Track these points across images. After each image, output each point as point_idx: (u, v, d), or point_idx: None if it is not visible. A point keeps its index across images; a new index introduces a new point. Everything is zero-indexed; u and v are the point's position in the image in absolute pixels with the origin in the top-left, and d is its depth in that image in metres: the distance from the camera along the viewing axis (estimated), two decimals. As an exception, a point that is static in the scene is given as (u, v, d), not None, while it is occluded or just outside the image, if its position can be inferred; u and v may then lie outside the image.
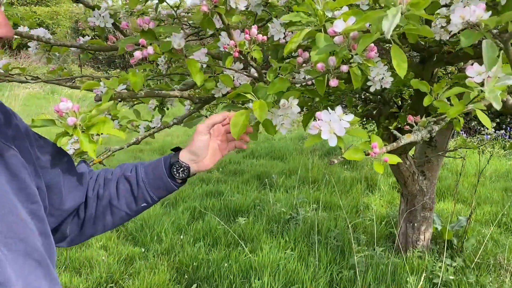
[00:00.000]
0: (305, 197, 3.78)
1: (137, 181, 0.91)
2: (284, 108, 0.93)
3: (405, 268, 2.68)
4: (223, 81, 1.18)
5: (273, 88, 0.93)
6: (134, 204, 0.91)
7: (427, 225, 3.03)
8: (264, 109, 0.90)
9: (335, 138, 0.74)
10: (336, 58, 0.80)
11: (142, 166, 0.93)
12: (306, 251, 2.87)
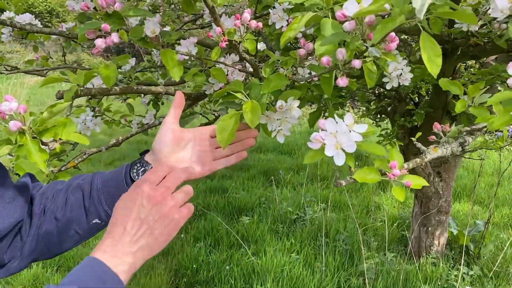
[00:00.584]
0: (313, 195, 3.61)
1: (91, 190, 0.75)
2: (281, 111, 0.76)
3: (418, 276, 2.51)
4: (215, 76, 1.01)
5: (268, 86, 0.76)
6: (85, 219, 0.74)
7: (442, 230, 2.85)
8: (257, 112, 0.73)
9: (343, 155, 0.57)
10: (347, 51, 0.62)
11: (101, 173, 0.77)
12: (313, 255, 2.71)
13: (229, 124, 0.75)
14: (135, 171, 0.75)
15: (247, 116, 0.73)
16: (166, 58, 0.77)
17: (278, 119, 0.78)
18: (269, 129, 0.79)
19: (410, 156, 2.59)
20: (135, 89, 0.96)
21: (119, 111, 1.94)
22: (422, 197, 2.79)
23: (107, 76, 0.88)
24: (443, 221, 2.83)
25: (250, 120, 0.73)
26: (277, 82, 0.75)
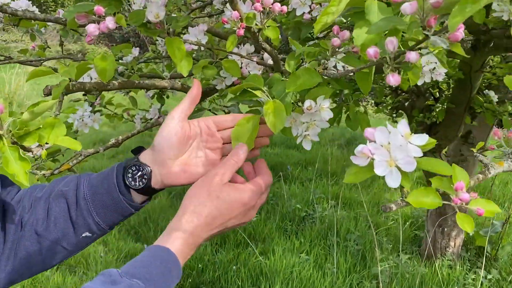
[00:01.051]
0: (323, 192, 3.49)
1: (77, 198, 0.63)
2: (310, 113, 0.64)
3: (434, 279, 2.39)
4: (227, 68, 0.89)
5: (295, 82, 0.63)
6: (72, 233, 0.63)
7: (459, 231, 2.72)
8: (281, 114, 0.61)
9: (398, 174, 0.44)
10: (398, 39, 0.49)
11: (87, 177, 0.65)
12: (323, 255, 2.59)
13: (246, 129, 0.63)
14: (130, 176, 0.63)
15: (269, 119, 0.61)
16: (173, 48, 0.64)
17: (305, 122, 0.66)
18: (294, 133, 0.67)
19: (427, 154, 2.46)
20: (136, 83, 0.84)
21: (121, 104, 1.83)
22: (438, 197, 2.66)
23: (104, 69, 0.76)
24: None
25: (273, 124, 0.61)
26: (306, 78, 0.62)
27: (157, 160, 0.63)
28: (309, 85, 0.62)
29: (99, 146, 3.64)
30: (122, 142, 1.00)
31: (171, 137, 0.62)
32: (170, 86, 0.89)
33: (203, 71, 0.92)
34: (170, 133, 0.62)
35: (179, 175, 0.63)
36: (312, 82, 0.62)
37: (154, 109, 1.62)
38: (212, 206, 0.58)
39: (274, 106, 0.62)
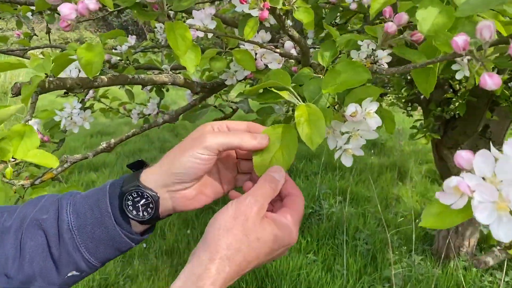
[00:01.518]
0: (329, 187, 3.35)
1: (60, 229, 0.49)
2: (353, 121, 0.49)
3: (449, 282, 2.26)
4: (239, 60, 0.74)
5: (334, 80, 0.49)
6: (55, 273, 0.49)
7: (473, 230, 2.59)
8: (318, 124, 0.47)
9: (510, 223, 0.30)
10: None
11: (71, 199, 0.51)
12: (332, 255, 2.46)
13: (270, 154, 0.48)
14: (130, 204, 0.49)
15: (304, 131, 0.46)
16: (175, 36, 0.49)
17: (346, 133, 0.51)
18: (331, 146, 0.52)
19: (444, 150, 2.32)
20: (130, 78, 0.69)
21: (117, 97, 1.68)
22: (453, 194, 2.52)
23: (89, 61, 0.61)
24: (475, 221, 2.56)
25: (308, 137, 0.46)
26: (350, 75, 0.48)
27: (169, 183, 0.49)
28: (353, 83, 0.48)
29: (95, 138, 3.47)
30: (115, 146, 0.85)
31: (197, 169, 0.49)
32: (170, 82, 0.74)
33: (211, 64, 0.77)
34: (199, 165, 0.49)
35: (196, 199, 0.51)
36: (358, 80, 0.47)
37: (153, 104, 1.47)
38: (250, 250, 0.44)
39: (309, 112, 0.47)
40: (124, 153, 3.85)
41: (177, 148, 0.50)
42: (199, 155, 0.48)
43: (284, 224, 0.46)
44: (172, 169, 0.48)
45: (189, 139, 0.50)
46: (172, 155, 0.49)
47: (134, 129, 0.85)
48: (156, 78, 0.73)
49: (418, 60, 0.48)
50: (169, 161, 0.49)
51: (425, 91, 0.52)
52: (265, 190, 0.46)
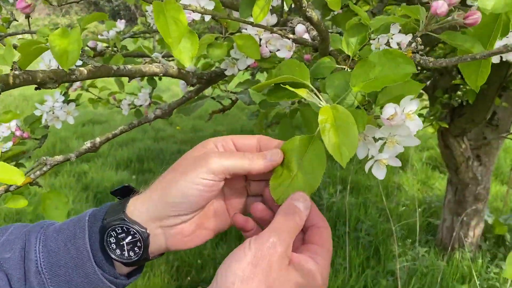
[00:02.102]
0: (328, 176, 3.27)
1: (26, 271, 0.39)
2: (390, 125, 0.39)
3: (455, 274, 2.19)
4: (241, 47, 0.64)
5: (366, 74, 0.40)
6: None
7: (479, 220, 2.52)
8: (349, 131, 0.37)
9: None
10: None
11: (41, 233, 0.41)
12: (333, 248, 2.38)
13: (293, 163, 0.39)
14: (113, 241, 0.39)
15: (330, 141, 0.36)
16: (165, 19, 0.38)
17: (381, 139, 0.41)
18: (361, 156, 0.42)
19: (449, 138, 2.23)
20: (115, 70, 0.59)
21: (106, 87, 1.57)
22: (457, 184, 2.45)
23: (64, 50, 0.50)
24: (480, 210, 2.50)
25: (337, 149, 0.36)
26: (388, 68, 0.38)
27: (162, 216, 0.39)
28: (393, 79, 0.38)
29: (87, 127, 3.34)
30: (100, 146, 0.75)
31: (196, 198, 0.39)
32: (162, 72, 0.63)
33: (209, 51, 0.66)
34: (195, 193, 0.39)
35: (195, 235, 0.41)
36: (399, 74, 0.38)
37: (144, 94, 1.36)
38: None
39: (336, 116, 0.37)
40: (117, 143, 3.73)
41: (173, 170, 0.40)
42: (201, 180, 0.38)
43: (313, 271, 0.36)
44: (167, 197, 0.38)
45: (187, 159, 0.40)
46: (167, 179, 0.39)
47: (122, 126, 0.75)
48: (145, 68, 0.63)
49: (473, 48, 0.38)
50: (163, 187, 0.39)
51: (474, 84, 0.43)
52: (289, 225, 0.37)
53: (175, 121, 4.49)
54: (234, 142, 0.42)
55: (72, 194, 2.74)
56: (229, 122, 4.46)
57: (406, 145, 0.41)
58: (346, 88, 0.41)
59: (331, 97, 0.42)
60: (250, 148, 0.42)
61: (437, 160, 3.81)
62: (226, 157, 0.39)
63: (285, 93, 0.44)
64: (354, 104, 0.43)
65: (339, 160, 0.36)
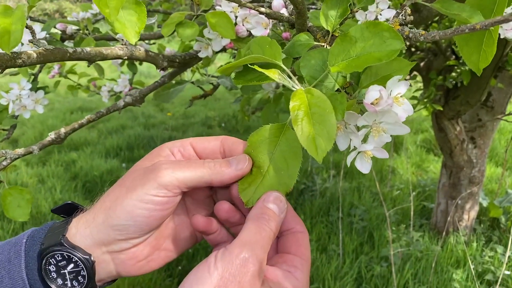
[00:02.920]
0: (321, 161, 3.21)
1: None
2: (375, 110, 0.33)
3: (449, 259, 2.16)
4: (214, 26, 0.58)
5: (347, 51, 0.33)
6: None
7: (473, 203, 2.49)
8: (327, 120, 0.31)
9: None
10: None
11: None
12: (326, 234, 2.35)
13: (263, 158, 0.33)
14: (53, 270, 0.34)
15: (303, 131, 0.31)
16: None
17: (365, 127, 0.35)
18: (342, 147, 0.36)
19: (444, 121, 2.18)
20: (70, 53, 0.52)
21: (85, 73, 1.50)
22: (452, 167, 2.41)
23: (5, 30, 0.44)
24: (475, 193, 2.46)
25: (311, 141, 0.31)
26: (373, 44, 0.32)
27: (108, 240, 0.34)
28: (378, 57, 0.32)
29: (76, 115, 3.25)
30: (66, 137, 0.68)
31: (146, 218, 0.33)
32: (127, 55, 0.57)
33: (178, 31, 0.60)
34: (144, 213, 0.33)
35: (151, 259, 0.36)
36: (384, 50, 0.32)
37: (124, 80, 1.30)
38: None
39: (311, 102, 0.31)
40: (107, 130, 3.66)
41: (119, 185, 0.34)
42: (151, 197, 0.32)
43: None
44: (111, 220, 0.33)
45: (136, 172, 0.34)
46: (112, 198, 0.33)
47: (89, 115, 0.69)
48: (107, 51, 0.56)
49: (471, 19, 0.32)
50: (106, 207, 0.33)
51: (476, 66, 0.37)
52: (263, 234, 0.31)
53: (166, 107, 4.41)
54: (194, 147, 0.36)
55: (60, 184, 2.68)
56: (221, 107, 4.38)
57: (394, 133, 0.35)
58: (324, 69, 0.35)
59: (307, 79, 0.36)
60: (212, 152, 0.36)
61: (431, 142, 3.77)
62: (181, 167, 0.33)
63: (254, 75, 0.38)
64: (334, 87, 0.37)
65: (313, 154, 0.30)
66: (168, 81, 0.72)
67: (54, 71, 1.46)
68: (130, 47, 0.59)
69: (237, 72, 0.40)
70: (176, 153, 0.36)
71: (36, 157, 3.06)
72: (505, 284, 2.06)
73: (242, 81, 0.39)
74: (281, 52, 0.37)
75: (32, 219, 2.27)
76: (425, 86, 2.05)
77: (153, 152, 0.36)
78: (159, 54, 0.63)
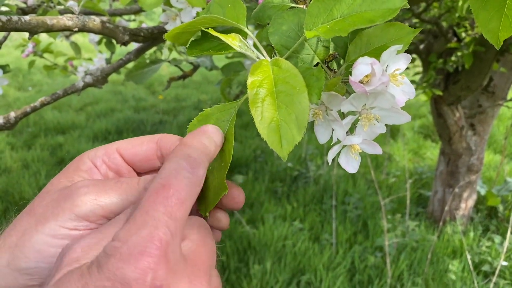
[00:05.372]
0: (316, 146, 3.14)
1: None
2: (365, 91, 0.24)
3: (445, 249, 2.10)
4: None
5: (330, 12, 0.24)
6: None
7: (471, 191, 2.42)
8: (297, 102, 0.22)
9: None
10: None
11: None
12: (319, 223, 2.28)
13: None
14: None
15: (264, 117, 0.22)
16: None
17: (352, 114, 0.27)
18: (322, 140, 0.28)
19: (444, 106, 2.09)
20: (3, 22, 0.44)
21: (62, 52, 1.41)
22: (450, 154, 2.34)
23: None
24: (473, 182, 2.40)
25: (275, 131, 0.22)
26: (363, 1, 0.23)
27: (20, 286, 0.26)
28: (369, 17, 0.23)
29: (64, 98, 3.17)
30: (17, 122, 0.60)
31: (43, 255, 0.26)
32: (77, 26, 0.48)
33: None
34: (57, 250, 0.25)
35: None
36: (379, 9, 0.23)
37: (100, 60, 1.20)
38: None
39: (277, 77, 0.23)
40: (96, 113, 3.56)
41: (28, 214, 0.26)
42: (67, 231, 0.24)
43: None
44: (18, 261, 0.25)
45: (49, 195, 0.26)
46: (19, 231, 0.25)
47: (44, 98, 0.60)
48: (52, 21, 0.47)
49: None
50: (12, 244, 0.25)
51: (494, 34, 0.28)
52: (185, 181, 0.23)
53: (158, 90, 4.30)
54: (122, 154, 0.28)
55: (45, 169, 2.59)
56: (214, 90, 4.27)
57: (389, 122, 0.27)
58: (300, 36, 0.27)
59: (277, 49, 0.27)
60: (146, 159, 0.28)
61: (429, 128, 3.70)
62: (105, 190, 0.25)
63: (212, 44, 0.29)
64: (313, 61, 0.28)
65: (276, 147, 0.21)
66: (134, 58, 0.63)
67: (28, 50, 1.36)
68: (81, 17, 0.50)
69: (193, 41, 0.31)
70: (99, 165, 0.28)
71: (21, 141, 2.96)
72: (502, 275, 2.00)
73: (196, 51, 0.30)
74: (248, 16, 0.28)
75: (14, 205, 2.19)
76: (424, 69, 1.96)
77: (71, 165, 0.28)
78: (119, 27, 0.54)
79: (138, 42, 0.59)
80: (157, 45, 0.72)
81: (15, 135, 3.09)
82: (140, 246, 0.20)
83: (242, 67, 0.77)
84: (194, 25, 0.29)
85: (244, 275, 1.91)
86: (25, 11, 0.86)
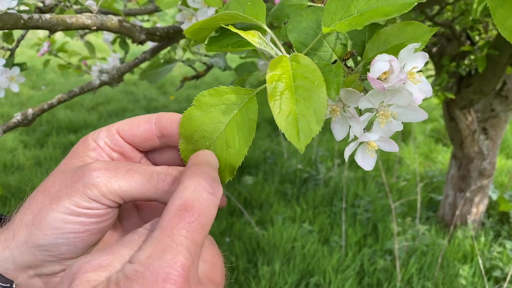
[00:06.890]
0: (327, 149, 3.13)
1: None
2: (383, 88, 0.24)
3: (456, 253, 2.09)
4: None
5: (348, 8, 0.24)
6: None
7: (483, 196, 2.40)
8: (316, 97, 0.22)
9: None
10: None
11: None
12: (329, 225, 2.27)
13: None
14: None
15: (283, 110, 0.22)
16: None
17: (369, 111, 0.27)
18: (339, 136, 0.28)
19: (456, 110, 2.08)
20: (24, 20, 0.45)
21: (76, 51, 1.42)
22: (462, 158, 2.32)
23: None
24: (485, 186, 2.37)
25: (293, 124, 0.22)
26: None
27: (35, 262, 0.26)
28: (386, 11, 0.23)
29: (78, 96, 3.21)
30: (35, 118, 0.61)
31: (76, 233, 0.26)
32: (96, 25, 0.49)
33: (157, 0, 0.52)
34: (76, 229, 0.26)
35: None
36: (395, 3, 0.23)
37: (114, 59, 1.22)
38: None
39: (296, 73, 0.23)
40: (107, 113, 3.59)
41: (43, 191, 0.27)
42: (82, 210, 0.25)
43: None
44: (36, 238, 0.26)
45: (63, 173, 0.27)
46: (35, 208, 0.26)
47: (61, 95, 0.61)
48: (71, 19, 0.48)
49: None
50: (28, 222, 0.26)
51: (510, 32, 0.28)
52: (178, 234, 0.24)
53: (169, 90, 4.33)
54: (122, 135, 0.29)
55: (57, 167, 2.62)
56: (225, 93, 4.29)
57: (406, 120, 0.27)
58: (318, 33, 0.27)
59: (296, 46, 0.28)
60: (146, 139, 0.29)
61: (440, 132, 3.67)
62: (117, 177, 0.26)
63: (231, 40, 0.30)
64: (331, 58, 0.29)
65: (294, 140, 0.22)
66: (149, 58, 0.64)
67: (43, 49, 1.38)
68: (100, 16, 0.51)
69: (211, 37, 0.32)
70: (103, 146, 0.29)
71: (34, 139, 3.00)
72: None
73: (215, 47, 0.30)
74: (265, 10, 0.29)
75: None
76: (436, 73, 1.95)
77: (79, 146, 0.29)
78: (136, 26, 0.55)
79: (154, 41, 0.60)
80: (171, 44, 0.73)
81: (28, 134, 3.13)
82: (164, 272, 0.21)
83: (256, 67, 0.78)
84: (214, 22, 0.29)
85: (252, 276, 1.91)
86: (42, 10, 0.87)
